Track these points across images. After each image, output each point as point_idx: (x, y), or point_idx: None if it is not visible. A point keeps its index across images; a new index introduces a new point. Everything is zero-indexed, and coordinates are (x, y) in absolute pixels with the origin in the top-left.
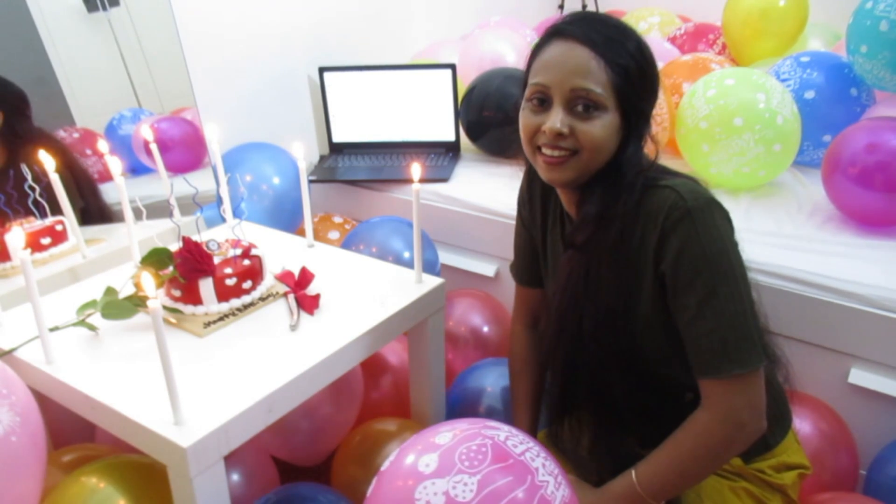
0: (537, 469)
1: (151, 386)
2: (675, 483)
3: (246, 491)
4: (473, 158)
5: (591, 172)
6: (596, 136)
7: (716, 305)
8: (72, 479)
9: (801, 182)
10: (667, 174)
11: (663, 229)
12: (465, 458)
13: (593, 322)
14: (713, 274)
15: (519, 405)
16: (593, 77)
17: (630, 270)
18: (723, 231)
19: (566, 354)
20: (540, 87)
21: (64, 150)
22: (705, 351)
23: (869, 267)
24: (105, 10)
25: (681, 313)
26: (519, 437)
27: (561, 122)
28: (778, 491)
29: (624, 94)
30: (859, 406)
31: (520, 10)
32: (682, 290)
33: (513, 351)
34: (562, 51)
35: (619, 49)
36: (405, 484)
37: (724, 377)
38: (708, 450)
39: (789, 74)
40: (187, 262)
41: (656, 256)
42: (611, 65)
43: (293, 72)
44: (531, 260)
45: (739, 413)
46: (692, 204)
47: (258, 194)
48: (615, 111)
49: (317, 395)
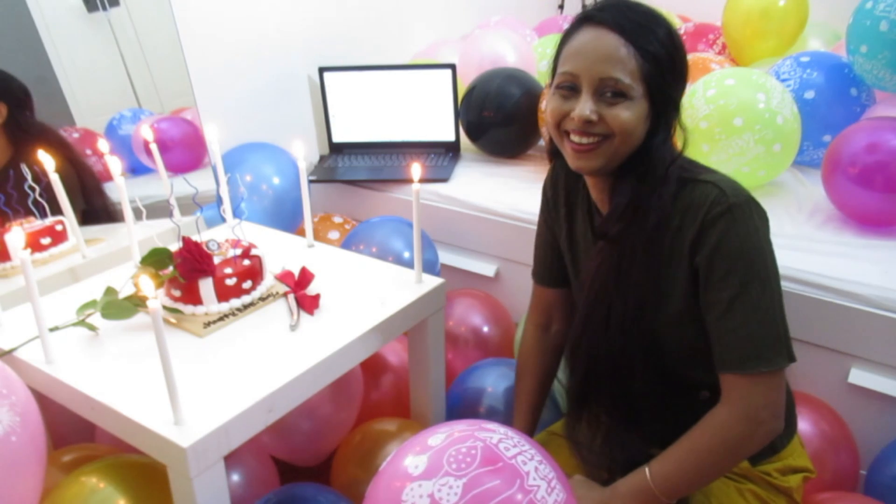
0: (528, 473)
1: (151, 386)
2: (690, 479)
3: (246, 491)
4: (473, 158)
5: (619, 159)
6: (625, 121)
7: (747, 302)
8: (72, 479)
9: (801, 182)
10: (697, 166)
11: (703, 223)
12: (454, 461)
13: (622, 313)
14: (747, 270)
15: (521, 403)
16: (622, 65)
17: (663, 263)
18: (760, 230)
19: (590, 345)
20: (569, 76)
21: (68, 147)
22: (733, 346)
23: (869, 267)
24: (105, 10)
25: (711, 307)
26: (513, 440)
27: (590, 110)
28: (783, 494)
29: (653, 81)
30: (859, 406)
31: (520, 10)
32: (716, 284)
33: (522, 349)
34: (591, 37)
35: (648, 35)
36: (395, 485)
37: (749, 373)
38: (725, 445)
39: (789, 74)
40: (187, 262)
41: (692, 249)
42: (640, 51)
43: (293, 72)
44: (552, 259)
45: (759, 411)
46: (734, 200)
47: (258, 194)
48: (643, 98)
49: (317, 395)
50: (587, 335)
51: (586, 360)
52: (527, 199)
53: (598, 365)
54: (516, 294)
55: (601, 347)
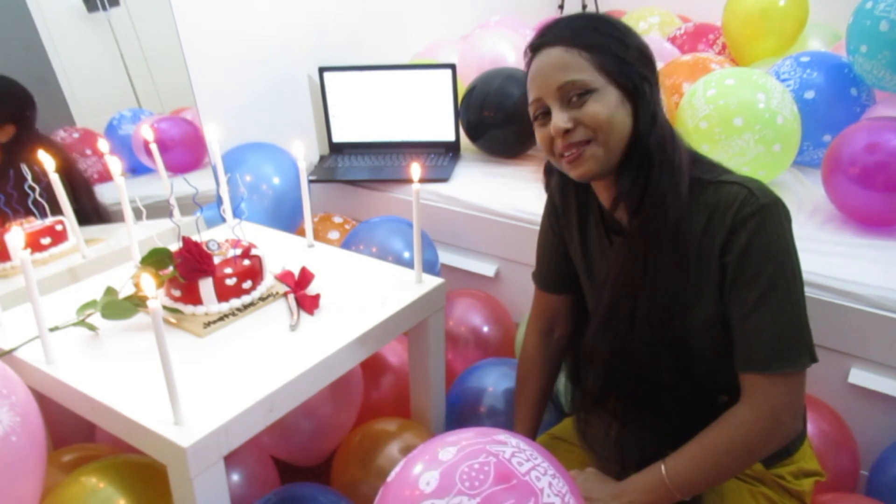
0: (542, 489)
1: (151, 386)
2: (707, 476)
3: (246, 491)
4: (473, 158)
5: (616, 154)
6: (599, 113)
7: (774, 302)
8: (72, 479)
9: (801, 182)
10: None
11: (734, 223)
12: (466, 479)
13: (647, 311)
14: (775, 271)
15: (522, 409)
16: (572, 67)
17: (693, 265)
18: (787, 231)
19: (613, 345)
20: (536, 102)
21: (59, 151)
22: (757, 346)
23: (869, 267)
24: (105, 10)
25: (737, 306)
26: (526, 454)
27: (563, 119)
28: (796, 498)
29: (610, 66)
30: (859, 406)
31: (520, 10)
32: (744, 283)
33: (524, 355)
34: (540, 62)
35: (588, 33)
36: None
37: (772, 373)
38: (744, 444)
39: (789, 74)
40: (187, 262)
41: (722, 249)
42: (584, 48)
43: (293, 72)
44: (558, 265)
45: (780, 411)
46: (764, 201)
47: (258, 194)
48: (609, 86)
49: (317, 395)
50: (609, 333)
51: (608, 358)
52: (527, 199)
53: (621, 363)
54: (516, 294)
55: (625, 345)
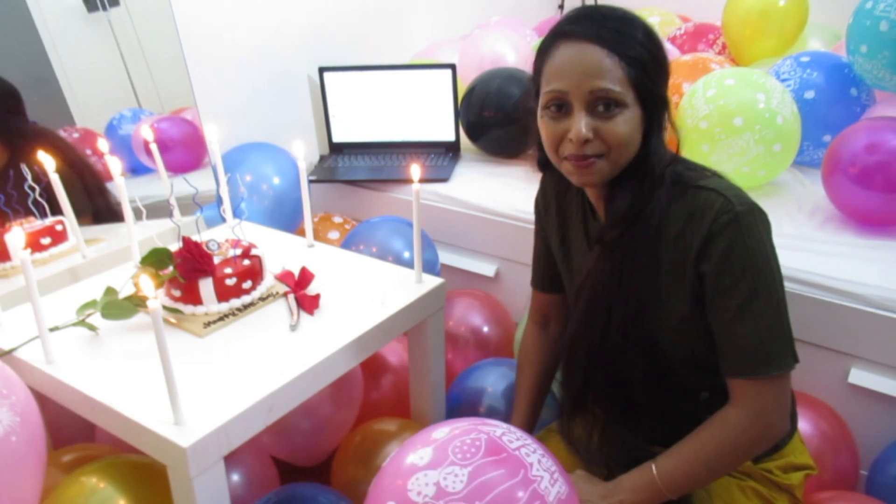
0: (532, 464)
1: (151, 386)
2: (698, 475)
3: (246, 491)
4: (473, 158)
5: (620, 168)
6: (621, 134)
7: (756, 309)
8: (72, 479)
9: (801, 182)
10: (695, 170)
11: (710, 231)
12: (459, 451)
13: (622, 316)
14: (755, 278)
15: (520, 398)
16: (610, 75)
17: (664, 269)
18: (765, 237)
19: (589, 349)
20: (557, 94)
21: (69, 148)
22: (743, 352)
23: (869, 267)
24: (105, 10)
25: (719, 314)
26: (516, 434)
27: (586, 127)
28: (785, 491)
29: (642, 85)
30: (859, 406)
31: (520, 10)
32: (724, 292)
33: (523, 344)
34: (572, 53)
35: (629, 41)
36: (400, 476)
37: (760, 377)
38: (734, 447)
39: (789, 74)
40: (187, 262)
41: (698, 257)
42: (625, 59)
43: (293, 72)
44: (546, 267)
45: (770, 413)
46: (740, 209)
47: (258, 194)
48: (635, 104)
49: (317, 395)
50: (585, 337)
51: (584, 362)
52: (527, 199)
53: (596, 366)
54: (516, 294)
55: (600, 349)
